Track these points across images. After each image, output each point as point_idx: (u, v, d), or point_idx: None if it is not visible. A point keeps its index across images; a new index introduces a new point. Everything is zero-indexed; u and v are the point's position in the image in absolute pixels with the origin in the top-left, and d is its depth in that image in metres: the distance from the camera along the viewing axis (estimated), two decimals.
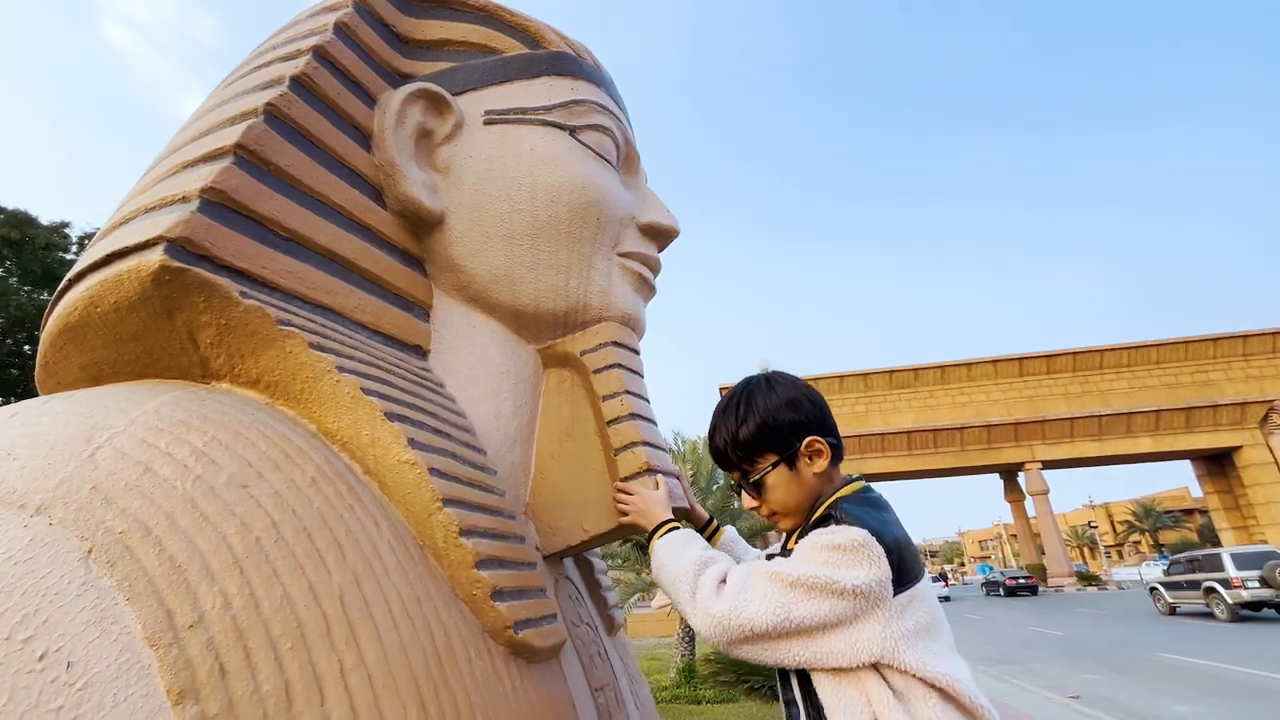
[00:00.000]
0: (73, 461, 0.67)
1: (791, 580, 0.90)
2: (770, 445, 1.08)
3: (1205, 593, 16.49)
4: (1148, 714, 7.94)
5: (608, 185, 1.30)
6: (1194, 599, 17.21)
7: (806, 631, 0.89)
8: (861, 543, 0.90)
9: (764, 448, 1.08)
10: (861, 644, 0.88)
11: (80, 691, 0.53)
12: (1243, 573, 15.38)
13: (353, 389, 0.84)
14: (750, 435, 1.08)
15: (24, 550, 0.59)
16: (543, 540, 1.15)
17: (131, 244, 0.82)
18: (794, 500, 1.08)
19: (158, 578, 0.60)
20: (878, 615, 0.89)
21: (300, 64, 1.05)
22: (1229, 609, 15.55)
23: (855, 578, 0.88)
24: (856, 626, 0.89)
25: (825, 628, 0.89)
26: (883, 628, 0.89)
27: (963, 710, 0.89)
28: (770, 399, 1.09)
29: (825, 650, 0.89)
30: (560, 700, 0.90)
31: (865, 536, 0.90)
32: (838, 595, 0.88)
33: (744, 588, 0.93)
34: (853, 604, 0.89)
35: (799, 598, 0.89)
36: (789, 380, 1.13)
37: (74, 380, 0.97)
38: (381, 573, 0.72)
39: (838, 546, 0.91)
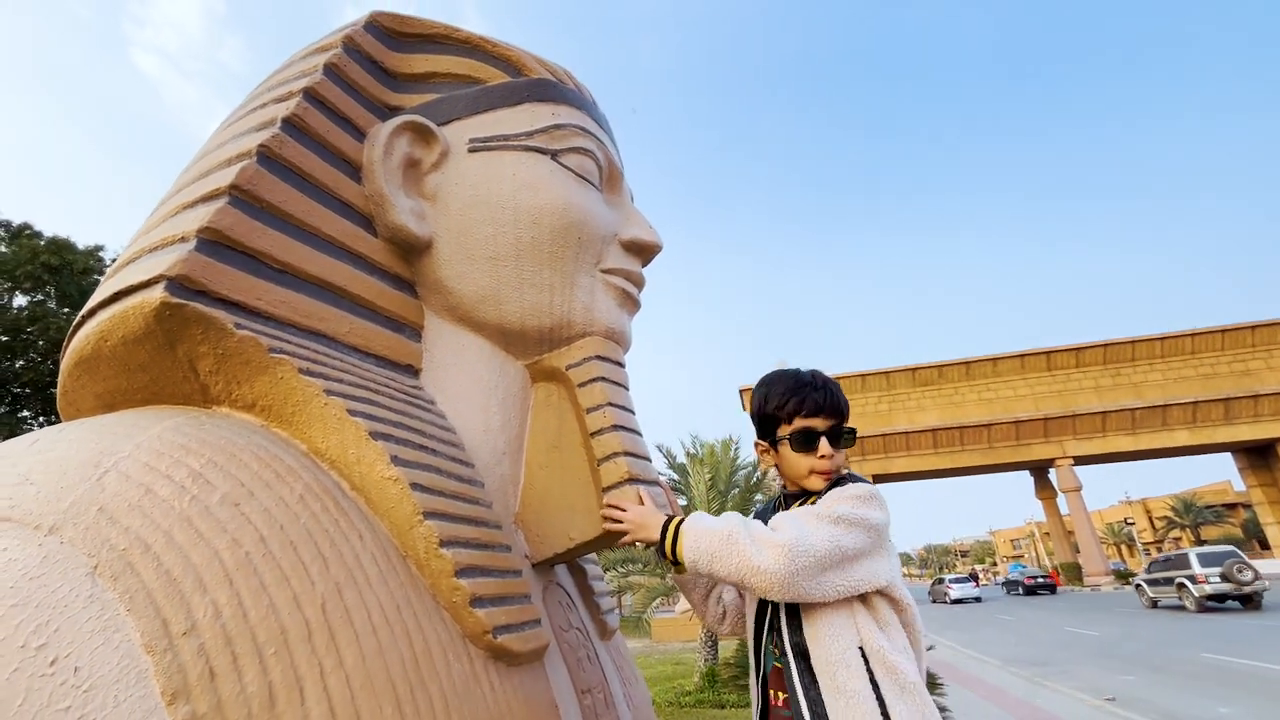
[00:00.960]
0: (82, 485, 0.73)
1: (835, 516, 1.12)
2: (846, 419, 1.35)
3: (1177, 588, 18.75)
4: (1187, 716, 7.71)
5: (589, 205, 1.35)
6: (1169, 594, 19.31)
7: (848, 559, 1.10)
8: (875, 493, 1.19)
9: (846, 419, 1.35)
10: (879, 571, 1.12)
11: (86, 693, 0.59)
12: (1206, 570, 17.79)
13: (339, 410, 0.91)
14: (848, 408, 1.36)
15: (38, 566, 0.66)
16: (531, 549, 1.20)
17: (136, 283, 0.89)
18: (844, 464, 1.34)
19: (155, 590, 0.66)
20: (886, 550, 1.16)
21: (291, 105, 1.12)
22: (1196, 601, 17.87)
23: (877, 517, 1.15)
24: (875, 557, 1.13)
25: (859, 556, 1.11)
26: (888, 561, 1.15)
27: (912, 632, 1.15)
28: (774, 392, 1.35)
29: (857, 578, 1.10)
30: (541, 702, 0.94)
31: (876, 489, 1.19)
32: (868, 530, 1.13)
33: (800, 525, 1.11)
34: (876, 538, 1.14)
35: (843, 531, 1.11)
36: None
37: (90, 407, 1.05)
38: (363, 582, 0.78)
39: (860, 496, 1.18)
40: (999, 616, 24.02)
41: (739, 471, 11.73)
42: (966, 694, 9.53)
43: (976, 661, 13.06)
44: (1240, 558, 18.04)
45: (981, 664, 12.69)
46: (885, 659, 1.05)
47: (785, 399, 1.31)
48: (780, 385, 1.34)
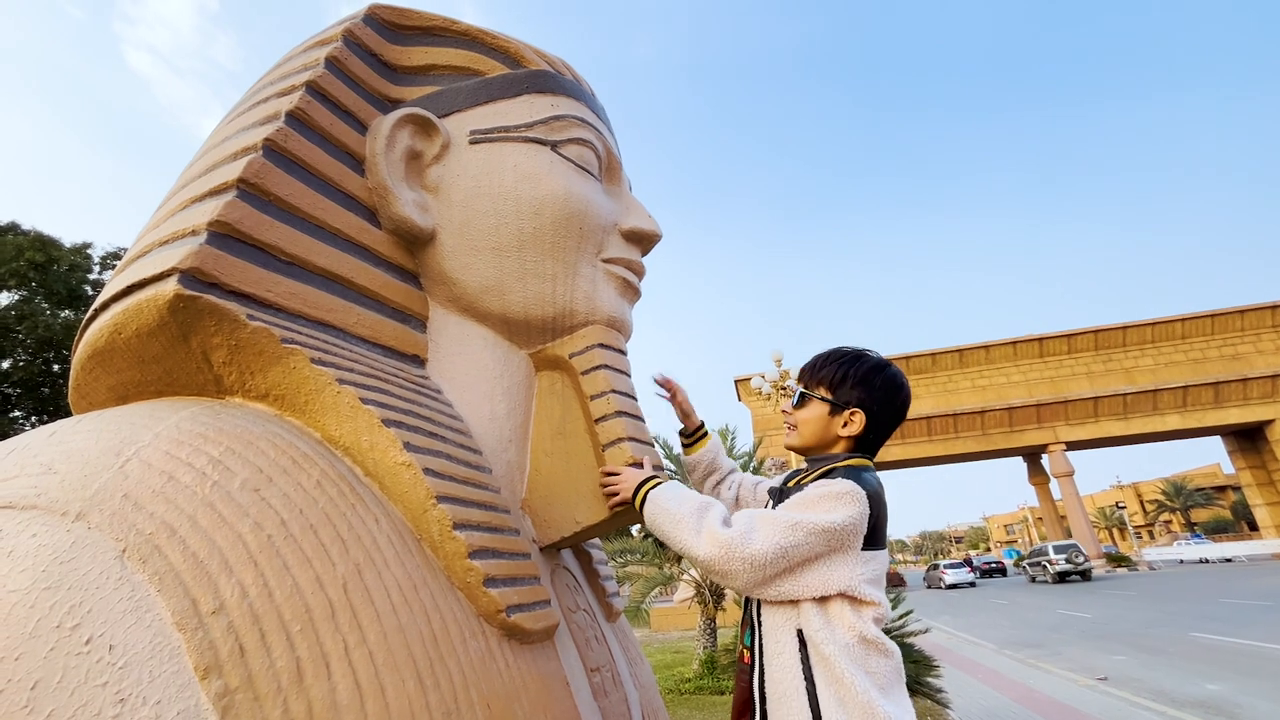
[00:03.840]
0: (106, 473, 0.75)
1: (791, 522, 1.07)
2: (833, 388, 1.29)
3: (1041, 568, 30.92)
4: (1178, 694, 7.85)
5: (589, 195, 1.36)
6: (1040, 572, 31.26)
7: (795, 565, 1.07)
8: (849, 490, 1.10)
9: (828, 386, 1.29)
10: (832, 576, 1.07)
11: (121, 670, 0.61)
12: (1057, 556, 29.54)
13: (352, 399, 0.93)
14: (830, 373, 1.30)
15: (68, 551, 0.68)
16: (538, 533, 1.22)
17: (149, 276, 0.91)
18: (811, 433, 1.30)
19: (183, 571, 0.68)
20: (848, 555, 1.09)
21: (295, 99, 1.13)
22: (1051, 576, 29.60)
23: (840, 516, 1.07)
24: (831, 563, 1.08)
25: (809, 563, 1.07)
26: (850, 567, 1.08)
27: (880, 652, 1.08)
28: (865, 368, 1.29)
29: (806, 583, 1.07)
30: (553, 678, 0.97)
31: (853, 486, 1.10)
32: (824, 533, 1.06)
33: (750, 525, 1.09)
34: (833, 540, 1.07)
35: (795, 535, 1.06)
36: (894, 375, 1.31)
37: (103, 400, 1.06)
38: (381, 564, 0.80)
39: (830, 494, 1.10)
40: (993, 600, 24.32)
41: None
42: (964, 677, 9.67)
43: (972, 645, 13.23)
44: (1078, 548, 29.69)
45: (977, 647, 12.86)
46: (820, 650, 1.03)
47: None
48: None
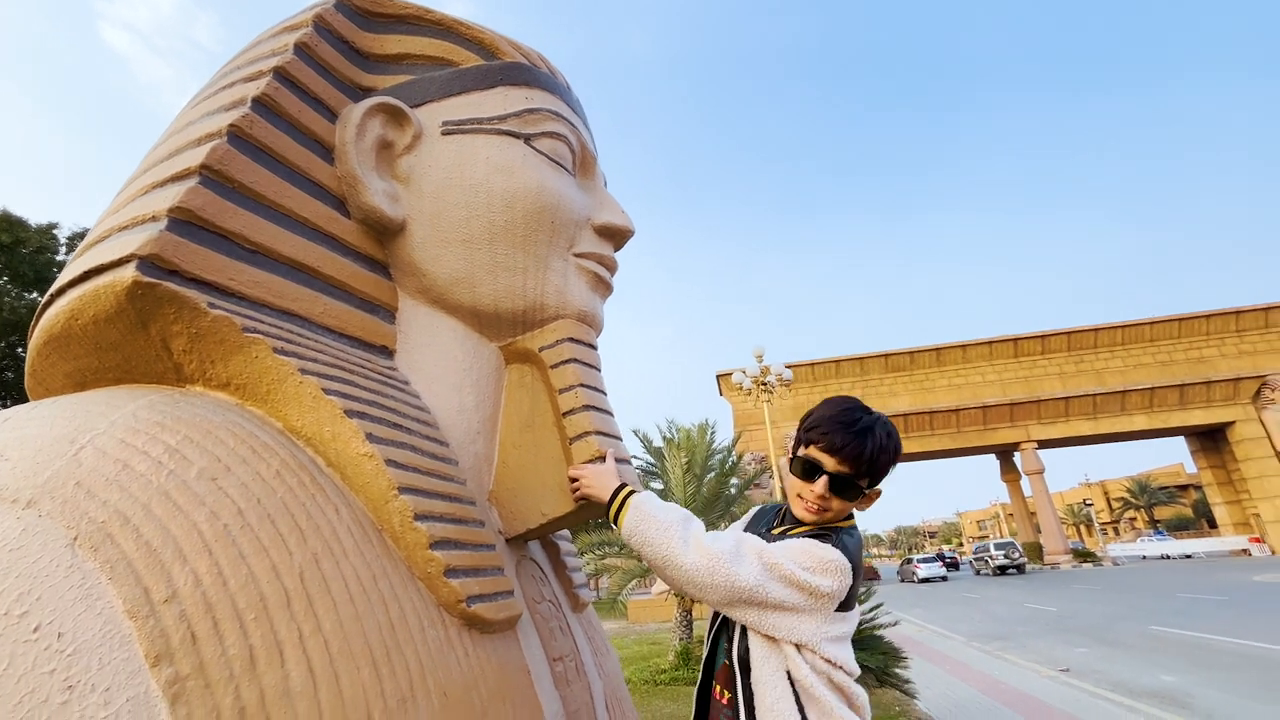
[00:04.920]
0: (58, 460, 0.75)
1: (779, 569, 1.12)
2: (874, 480, 1.28)
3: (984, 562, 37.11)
4: (1135, 685, 8.12)
5: (562, 190, 1.37)
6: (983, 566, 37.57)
7: (766, 605, 1.12)
8: (839, 564, 1.15)
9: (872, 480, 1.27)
10: (798, 629, 1.13)
11: (70, 656, 0.61)
12: (997, 552, 35.94)
13: (314, 389, 0.93)
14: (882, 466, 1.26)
15: (17, 538, 0.67)
16: (505, 525, 1.23)
17: (107, 261, 0.89)
18: (839, 513, 1.28)
19: (135, 560, 0.68)
20: (819, 615, 1.14)
21: (262, 85, 1.12)
22: (992, 569, 35.60)
23: (824, 584, 1.13)
24: (801, 616, 1.14)
25: (779, 608, 1.13)
26: (817, 625, 1.14)
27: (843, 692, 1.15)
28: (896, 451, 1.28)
29: (770, 622, 1.13)
30: (513, 667, 0.99)
31: (842, 561, 1.15)
32: (804, 591, 1.12)
33: (738, 551, 1.14)
34: (809, 600, 1.13)
35: (777, 582, 1.12)
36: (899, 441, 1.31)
37: (60, 386, 1.05)
38: (340, 554, 0.81)
39: (823, 559, 1.15)
40: (964, 594, 24.85)
41: (714, 456, 11.86)
42: (932, 668, 9.89)
43: (941, 637, 13.53)
44: (1014, 546, 36.36)
45: (946, 640, 13.15)
46: (810, 691, 1.10)
47: (815, 424, 1.27)
48: (824, 410, 1.30)
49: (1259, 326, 39.30)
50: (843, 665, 1.15)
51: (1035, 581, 28.97)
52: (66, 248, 22.10)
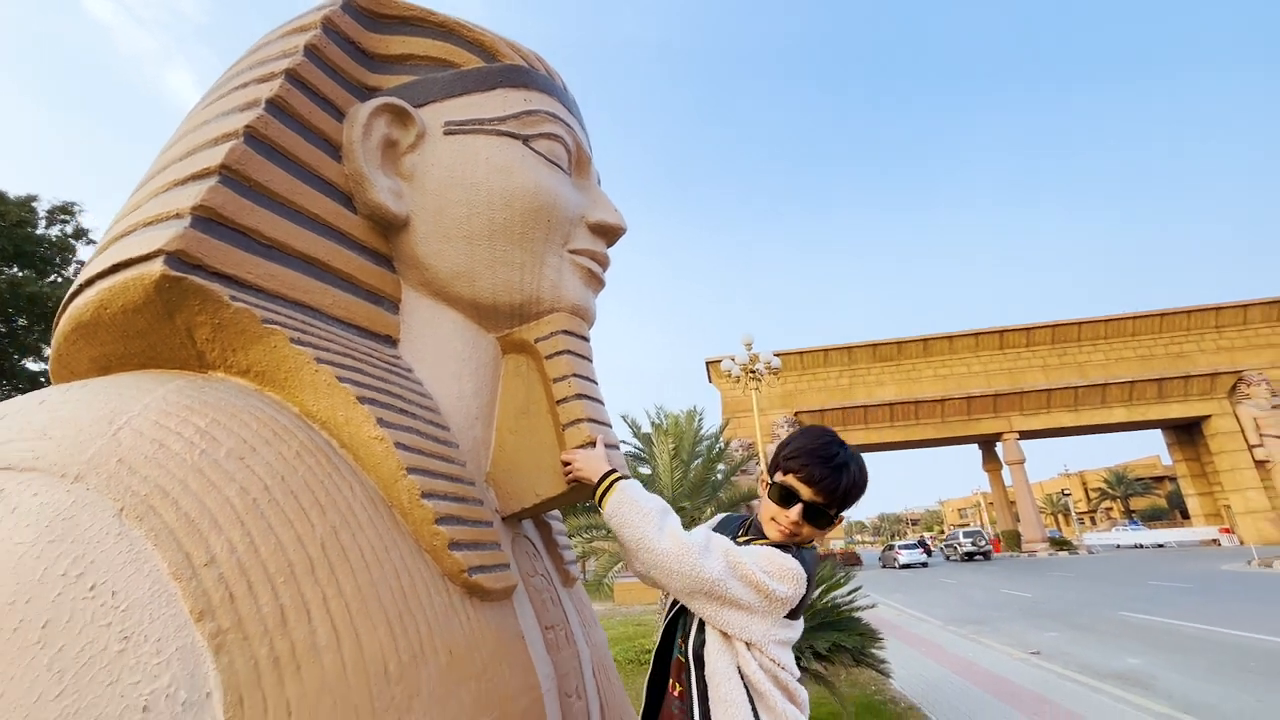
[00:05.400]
0: (99, 439, 0.82)
1: (742, 568, 1.21)
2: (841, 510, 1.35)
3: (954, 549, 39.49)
4: (1101, 667, 8.44)
5: (558, 189, 1.44)
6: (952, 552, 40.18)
7: (724, 601, 1.21)
8: (797, 574, 1.24)
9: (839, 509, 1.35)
10: (750, 628, 1.22)
11: (124, 612, 0.69)
12: (965, 540, 38.37)
13: (329, 377, 1.00)
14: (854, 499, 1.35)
15: (69, 509, 0.75)
16: (501, 504, 1.32)
17: (135, 255, 0.96)
18: (807, 539, 1.35)
19: (176, 529, 0.76)
20: (771, 618, 1.24)
21: (275, 86, 1.18)
22: (960, 555, 38.20)
23: (781, 589, 1.22)
24: (754, 616, 1.22)
25: (736, 605, 1.21)
26: (768, 627, 1.23)
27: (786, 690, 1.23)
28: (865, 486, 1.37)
29: (725, 618, 1.22)
30: (510, 632, 1.08)
31: (800, 571, 1.25)
32: (762, 593, 1.21)
33: (707, 547, 1.23)
34: (765, 602, 1.22)
35: (738, 581, 1.21)
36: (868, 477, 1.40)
37: (85, 370, 1.12)
38: (355, 526, 0.89)
39: (784, 568, 1.24)
40: (943, 580, 25.40)
41: (702, 442, 12.00)
42: (908, 650, 10.19)
43: (919, 621, 13.89)
44: (981, 534, 39.13)
45: (924, 623, 13.51)
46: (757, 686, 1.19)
47: (795, 455, 1.33)
48: (803, 441, 1.35)
49: (1237, 323, 40.07)
50: (786, 667, 1.24)
51: (1012, 568, 29.66)
52: (46, 221, 21.68)
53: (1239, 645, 9.26)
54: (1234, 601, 13.84)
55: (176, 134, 1.25)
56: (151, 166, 1.22)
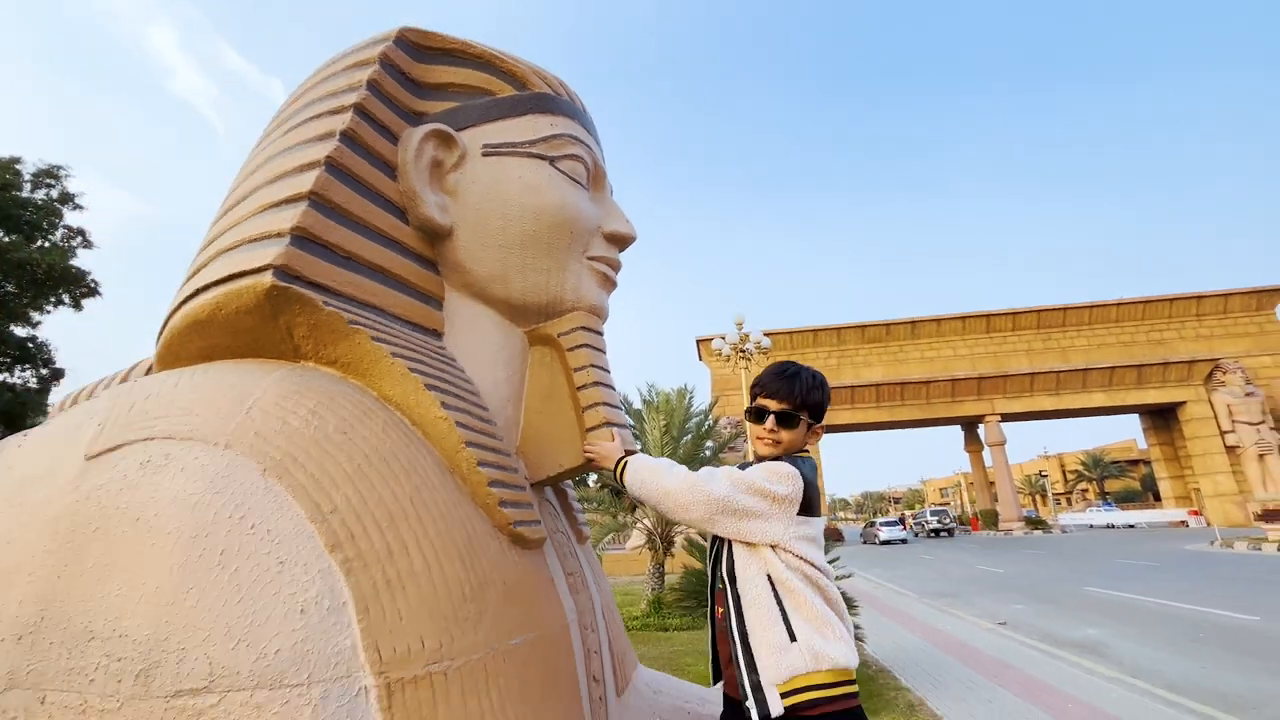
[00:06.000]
0: (237, 416, 1.07)
1: (743, 481, 1.41)
2: (813, 414, 1.58)
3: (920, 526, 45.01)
4: (1061, 637, 8.98)
5: (579, 204, 1.67)
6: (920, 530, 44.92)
7: (738, 513, 1.38)
8: (791, 473, 1.43)
9: (809, 413, 1.57)
10: (769, 532, 1.39)
11: (278, 543, 0.95)
12: (931, 518, 43.76)
13: (403, 368, 1.24)
14: (814, 401, 1.58)
15: (225, 469, 1.00)
16: (529, 473, 1.58)
17: (248, 268, 1.19)
18: (790, 444, 1.57)
19: (306, 485, 1.01)
20: (784, 518, 1.40)
21: (346, 119, 1.39)
22: (927, 532, 43.46)
23: (781, 489, 1.40)
24: (769, 520, 1.39)
25: (750, 514, 1.39)
26: (784, 527, 1.40)
27: (817, 587, 1.40)
28: (826, 393, 1.62)
29: (744, 528, 1.40)
30: (543, 575, 1.35)
31: (794, 471, 1.43)
32: (766, 497, 1.39)
33: (712, 474, 1.44)
34: (771, 505, 1.39)
35: (744, 492, 1.39)
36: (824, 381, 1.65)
37: (192, 357, 1.35)
38: (431, 487, 1.14)
39: (778, 471, 1.43)
40: (921, 556, 26.25)
41: (691, 419, 12.35)
42: (883, 619, 10.72)
43: (895, 594, 14.50)
44: (946, 513, 44.42)
45: (900, 596, 14.11)
46: (786, 584, 1.35)
47: (758, 381, 1.60)
48: (768, 370, 1.61)
49: (1218, 312, 40.88)
50: (814, 562, 1.39)
51: (988, 546, 30.63)
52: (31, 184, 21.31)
53: (1192, 618, 9.85)
54: (1193, 579, 14.56)
55: (256, 155, 1.46)
56: (238, 185, 1.44)
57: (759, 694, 1.28)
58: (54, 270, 19.93)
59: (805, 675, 1.27)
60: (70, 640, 0.90)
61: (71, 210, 22.16)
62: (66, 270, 20.53)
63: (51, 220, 21.53)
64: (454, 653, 1.01)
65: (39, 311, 21.30)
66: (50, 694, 0.88)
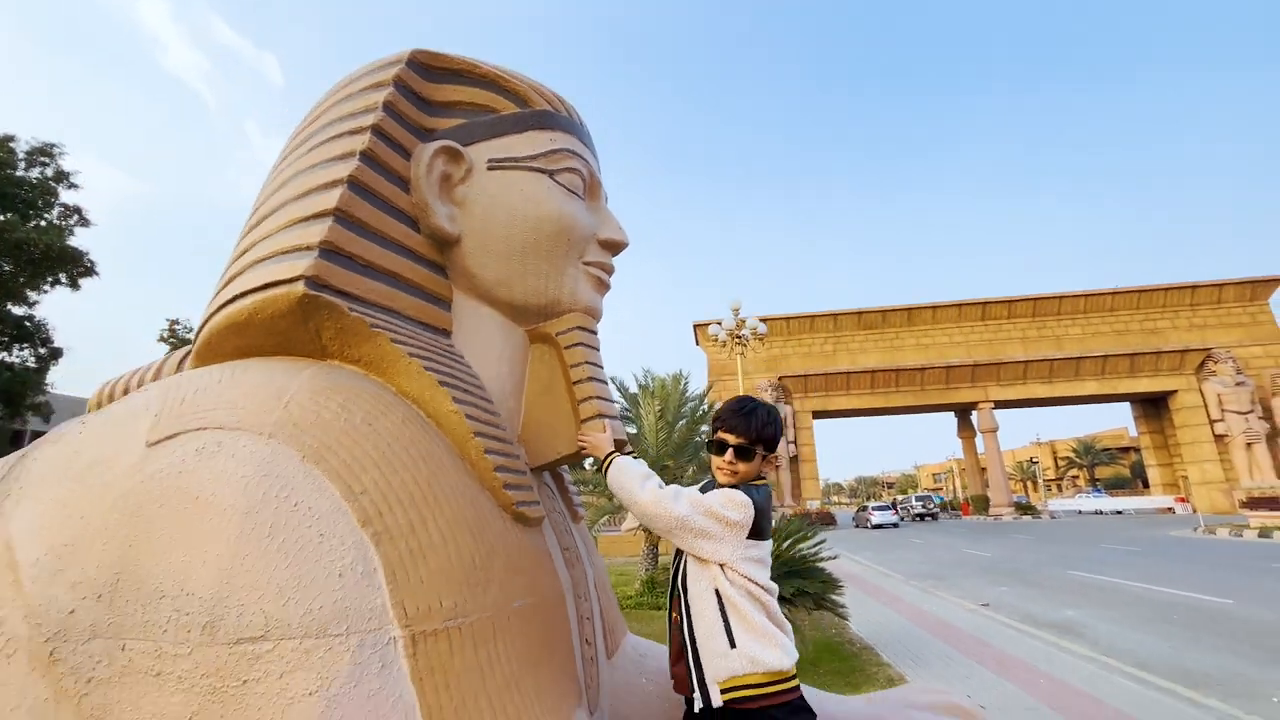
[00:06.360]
0: (277, 410, 1.23)
1: (701, 504, 1.61)
2: (767, 447, 1.75)
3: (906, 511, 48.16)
4: (1041, 618, 9.30)
5: (576, 214, 1.82)
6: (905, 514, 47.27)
7: (694, 532, 1.58)
8: (744, 501, 1.61)
9: (764, 446, 1.74)
10: (719, 552, 1.59)
11: (318, 519, 1.12)
12: (916, 503, 48.05)
13: (418, 367, 1.40)
14: (769, 436, 1.75)
15: (270, 455, 1.16)
16: (529, 459, 1.75)
17: (283, 279, 1.34)
18: (746, 474, 1.74)
19: (339, 470, 1.18)
20: (733, 541, 1.59)
21: (365, 139, 1.54)
22: (912, 516, 46.91)
23: (733, 515, 1.59)
24: (720, 542, 1.59)
25: (704, 535, 1.59)
26: (732, 549, 1.59)
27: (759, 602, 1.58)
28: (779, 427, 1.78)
29: (697, 545, 1.60)
30: (542, 549, 1.52)
31: (748, 500, 1.61)
32: (719, 521, 1.59)
33: (677, 495, 1.63)
34: (723, 528, 1.59)
35: (701, 514, 1.59)
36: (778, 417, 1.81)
37: (229, 354, 1.50)
38: (444, 471, 1.31)
39: (734, 499, 1.61)
40: (911, 540, 26.72)
41: (687, 404, 12.55)
42: (869, 600, 11.04)
43: (884, 576, 14.85)
44: (930, 498, 49.45)
45: (887, 578, 14.47)
46: (730, 599, 1.54)
47: (718, 415, 1.77)
48: (727, 405, 1.80)
49: (1211, 301, 41.16)
50: (759, 581, 1.57)
51: (977, 530, 31.14)
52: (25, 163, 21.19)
53: (1169, 601, 10.19)
54: (1174, 564, 14.94)
55: (285, 169, 1.61)
56: (267, 197, 1.58)
57: (703, 689, 1.52)
58: (51, 250, 19.92)
59: (742, 677, 1.49)
60: (143, 598, 1.07)
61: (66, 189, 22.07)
62: (64, 250, 20.51)
63: (47, 199, 21.46)
64: (467, 611, 1.18)
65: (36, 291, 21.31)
66: (129, 642, 1.06)
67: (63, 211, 21.84)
